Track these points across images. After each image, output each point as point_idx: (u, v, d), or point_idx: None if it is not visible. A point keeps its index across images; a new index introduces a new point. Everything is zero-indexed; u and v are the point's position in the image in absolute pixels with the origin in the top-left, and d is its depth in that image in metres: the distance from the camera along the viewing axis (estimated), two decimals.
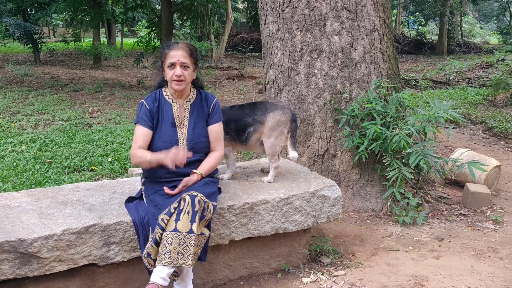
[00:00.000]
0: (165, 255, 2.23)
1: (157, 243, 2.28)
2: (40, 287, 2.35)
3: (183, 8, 13.18)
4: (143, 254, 2.38)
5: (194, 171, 2.58)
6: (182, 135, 2.62)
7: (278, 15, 4.23)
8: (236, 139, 3.03)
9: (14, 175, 4.67)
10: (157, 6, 19.83)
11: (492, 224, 3.80)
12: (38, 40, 15.29)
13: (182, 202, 2.28)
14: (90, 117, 7.81)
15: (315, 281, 2.87)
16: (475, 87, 10.68)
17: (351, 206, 4.06)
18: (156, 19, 12.92)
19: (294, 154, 3.03)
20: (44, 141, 6.02)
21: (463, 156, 4.58)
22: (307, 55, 4.13)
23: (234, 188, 2.90)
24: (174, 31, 13.48)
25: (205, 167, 2.62)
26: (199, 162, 2.65)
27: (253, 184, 2.99)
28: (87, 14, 15.51)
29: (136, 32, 25.01)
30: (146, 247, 2.37)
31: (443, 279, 2.85)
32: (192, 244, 2.25)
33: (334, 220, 3.11)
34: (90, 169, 4.98)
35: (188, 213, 2.26)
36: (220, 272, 2.82)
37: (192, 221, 2.26)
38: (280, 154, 3.17)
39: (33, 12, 16.82)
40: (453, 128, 6.56)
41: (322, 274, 2.94)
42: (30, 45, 15.23)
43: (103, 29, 20.32)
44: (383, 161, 3.89)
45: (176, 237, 2.23)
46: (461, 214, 4.01)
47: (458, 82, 11.69)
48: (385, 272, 2.97)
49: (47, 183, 4.43)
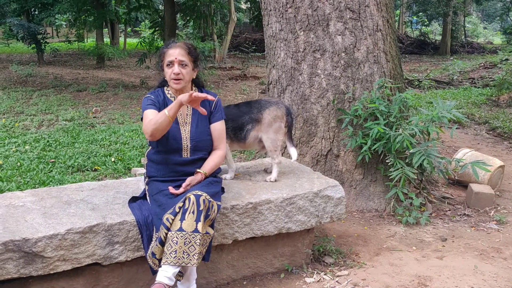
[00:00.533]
0: (170, 254, 2.23)
1: (162, 243, 2.28)
2: (45, 286, 2.36)
3: (186, 8, 13.20)
4: (147, 254, 2.39)
5: (198, 170, 2.58)
6: (185, 133, 2.62)
7: (281, 15, 4.23)
8: (234, 138, 3.06)
9: (18, 174, 4.69)
10: (160, 6, 19.86)
11: (495, 225, 3.79)
12: (41, 41, 15.34)
13: (187, 202, 2.29)
14: (94, 117, 7.83)
15: (318, 281, 2.87)
16: (478, 87, 10.65)
17: (354, 206, 4.06)
18: (159, 19, 12.95)
19: (294, 151, 3.11)
20: (47, 141, 6.04)
21: (466, 156, 4.57)
22: (310, 55, 4.13)
23: (238, 188, 2.91)
24: (177, 31, 13.51)
25: (208, 166, 2.62)
26: (203, 160, 2.65)
27: (256, 184, 3.00)
28: (91, 14, 15.55)
29: (139, 32, 25.11)
30: (151, 246, 2.38)
31: (447, 279, 2.85)
32: (198, 243, 2.26)
33: (337, 220, 3.11)
34: (93, 169, 5.00)
35: (193, 212, 2.26)
36: (224, 272, 2.83)
37: (197, 220, 2.26)
38: (281, 153, 3.19)
39: (36, 12, 16.87)
40: (456, 128, 6.55)
41: (325, 274, 2.94)
42: (34, 45, 15.28)
43: (106, 29, 20.35)
44: (386, 161, 3.88)
45: (181, 236, 2.24)
46: (464, 214, 4.00)
47: (461, 82, 11.66)
48: (388, 272, 2.97)
49: (51, 183, 4.44)
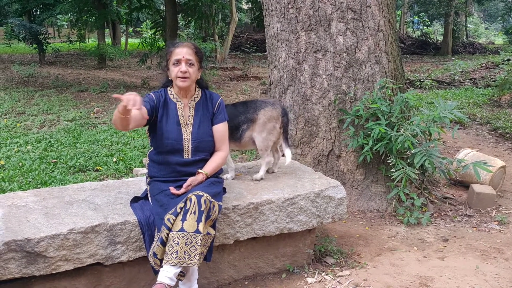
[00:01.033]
0: (172, 255, 2.24)
1: (163, 243, 2.29)
2: (47, 286, 2.37)
3: (188, 8, 13.20)
4: (149, 254, 2.39)
5: (199, 170, 2.59)
6: (187, 134, 2.63)
7: (282, 16, 4.23)
8: (230, 138, 3.07)
9: (20, 175, 4.71)
10: (161, 6, 19.88)
11: (497, 225, 3.79)
12: (43, 41, 15.35)
13: (188, 202, 2.29)
14: (95, 117, 7.84)
15: (319, 281, 2.87)
16: (480, 88, 10.63)
17: (355, 207, 4.06)
18: (161, 19, 12.95)
19: (289, 152, 3.14)
20: (49, 141, 6.05)
21: (468, 157, 4.57)
22: (311, 56, 4.13)
23: (239, 188, 2.91)
24: (178, 32, 13.51)
25: (210, 166, 2.63)
26: (204, 161, 2.66)
27: (257, 184, 3.00)
28: (92, 14, 15.56)
29: (141, 32, 25.10)
30: (152, 247, 2.38)
31: (448, 280, 2.85)
32: (199, 244, 2.26)
33: (339, 221, 3.11)
34: (95, 169, 5.00)
35: (194, 213, 2.27)
36: (225, 272, 2.83)
37: (198, 220, 2.27)
38: (276, 153, 3.24)
39: (38, 13, 16.87)
40: (458, 128, 6.54)
41: (326, 274, 2.94)
42: (35, 45, 15.30)
43: (107, 29, 20.36)
44: (388, 161, 3.88)
45: (182, 237, 2.24)
46: (466, 214, 4.00)
47: (463, 82, 11.64)
48: (389, 272, 2.97)
49: (52, 183, 4.45)
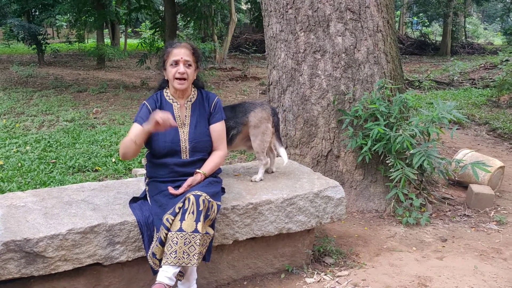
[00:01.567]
0: (170, 254, 2.24)
1: (162, 243, 2.29)
2: (46, 286, 2.37)
3: (187, 9, 13.20)
4: (148, 254, 2.39)
5: (198, 170, 2.59)
6: (184, 134, 2.63)
7: (281, 16, 4.24)
8: None
9: (19, 175, 4.70)
10: (160, 7, 19.88)
11: (495, 225, 3.79)
12: (42, 41, 15.34)
13: (186, 202, 2.29)
14: (94, 117, 7.84)
15: (318, 281, 2.88)
16: (479, 88, 10.65)
17: (354, 207, 4.06)
18: (160, 20, 12.95)
19: (284, 152, 3.15)
20: (48, 141, 6.05)
21: (466, 157, 4.58)
22: (310, 56, 4.13)
23: (238, 188, 2.91)
24: (177, 32, 13.51)
25: (208, 166, 2.63)
26: (202, 161, 2.66)
27: (256, 184, 3.00)
28: (91, 15, 15.55)
29: (140, 33, 25.08)
30: (151, 247, 2.38)
31: (447, 280, 2.86)
32: (198, 244, 2.26)
33: (338, 221, 3.12)
34: (94, 169, 5.00)
35: (193, 212, 2.27)
36: (224, 272, 2.84)
37: (197, 220, 2.27)
38: (271, 153, 3.25)
39: (37, 13, 16.86)
40: (456, 129, 6.54)
41: (325, 275, 2.94)
42: (34, 46, 15.28)
43: (106, 30, 20.37)
44: (387, 161, 3.89)
45: (181, 236, 2.24)
46: (464, 215, 4.01)
47: (461, 83, 11.66)
48: (388, 272, 2.97)
49: (51, 183, 4.45)
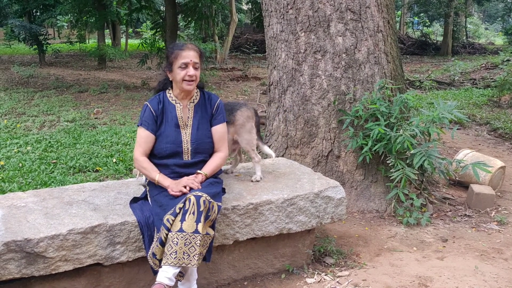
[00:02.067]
0: (171, 255, 2.24)
1: (162, 243, 2.29)
2: (46, 286, 2.37)
3: (188, 9, 13.19)
4: (148, 255, 2.40)
5: (199, 171, 2.59)
6: (186, 136, 2.63)
7: (282, 17, 4.24)
8: None
9: (20, 175, 4.71)
10: (161, 7, 19.89)
11: (496, 225, 3.79)
12: (43, 42, 15.35)
13: (187, 203, 2.30)
14: (95, 118, 7.84)
15: (319, 281, 2.88)
16: (479, 88, 10.64)
17: (355, 207, 4.06)
18: (161, 20, 12.94)
19: (269, 149, 3.28)
20: (49, 142, 6.05)
21: (467, 157, 4.57)
22: (311, 56, 4.13)
23: (238, 188, 2.92)
24: (178, 32, 13.51)
25: (209, 167, 2.63)
26: (204, 163, 2.66)
27: (257, 184, 3.01)
28: (92, 15, 15.55)
29: (141, 33, 25.10)
30: (152, 247, 2.38)
31: (447, 280, 2.85)
32: (198, 244, 2.26)
33: (338, 221, 3.12)
34: (95, 169, 5.01)
35: (193, 213, 2.27)
36: (225, 272, 2.84)
37: (197, 221, 2.27)
38: (238, 156, 3.29)
39: (38, 13, 16.87)
40: (457, 129, 6.55)
41: (326, 275, 2.94)
42: (35, 46, 15.30)
43: (107, 30, 20.37)
44: (387, 162, 3.88)
45: (181, 237, 2.25)
46: (465, 215, 4.01)
47: (462, 83, 11.65)
48: (389, 272, 2.97)
49: (52, 184, 4.45)
